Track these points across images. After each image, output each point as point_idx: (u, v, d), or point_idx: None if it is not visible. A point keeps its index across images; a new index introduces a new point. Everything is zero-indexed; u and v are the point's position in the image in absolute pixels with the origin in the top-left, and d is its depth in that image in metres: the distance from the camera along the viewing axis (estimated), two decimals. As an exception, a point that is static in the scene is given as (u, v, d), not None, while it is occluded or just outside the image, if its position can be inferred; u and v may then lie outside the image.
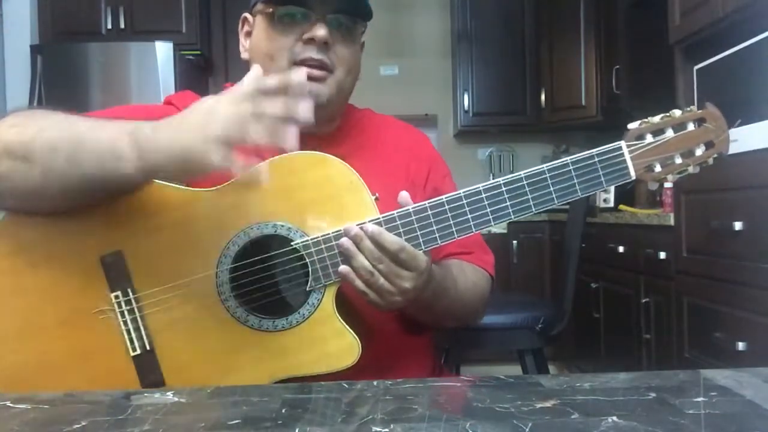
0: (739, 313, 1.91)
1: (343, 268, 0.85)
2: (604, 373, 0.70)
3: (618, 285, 2.89)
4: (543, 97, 4.12)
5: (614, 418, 0.56)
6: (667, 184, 2.73)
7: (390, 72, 4.44)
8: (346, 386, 0.67)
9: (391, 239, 0.84)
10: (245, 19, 1.07)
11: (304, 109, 0.76)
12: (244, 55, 1.06)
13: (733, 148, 1.91)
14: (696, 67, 2.18)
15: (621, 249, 2.81)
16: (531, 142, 4.44)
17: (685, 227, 2.23)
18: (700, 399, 0.61)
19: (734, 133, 0.93)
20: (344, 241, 0.85)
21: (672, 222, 2.32)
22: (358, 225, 0.85)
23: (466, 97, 4.20)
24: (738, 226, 1.89)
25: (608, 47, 3.70)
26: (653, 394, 0.63)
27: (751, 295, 1.85)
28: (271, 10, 0.99)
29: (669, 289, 2.37)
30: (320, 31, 0.96)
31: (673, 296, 2.34)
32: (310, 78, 0.95)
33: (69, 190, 0.83)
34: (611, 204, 3.22)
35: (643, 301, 2.59)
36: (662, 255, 2.41)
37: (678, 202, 2.28)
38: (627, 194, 3.18)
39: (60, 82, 3.46)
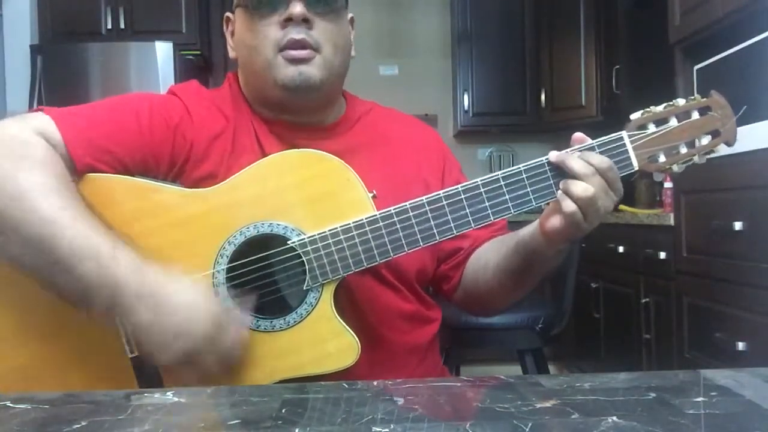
0: (739, 313, 1.91)
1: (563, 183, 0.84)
2: (604, 373, 0.70)
3: (618, 285, 2.89)
4: (543, 97, 4.12)
5: (614, 418, 0.56)
6: (667, 184, 2.72)
7: (390, 72, 4.43)
8: (346, 386, 0.67)
9: (600, 156, 0.85)
10: (228, 18, 1.06)
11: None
12: (232, 54, 1.05)
13: (733, 148, 1.91)
14: (696, 67, 2.18)
15: (621, 249, 2.81)
16: (531, 142, 4.43)
17: (685, 227, 2.23)
18: (700, 399, 0.61)
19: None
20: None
21: (672, 222, 2.32)
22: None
23: (466, 97, 4.20)
24: (738, 226, 1.89)
25: (608, 47, 3.70)
26: (653, 394, 0.63)
27: (751, 295, 1.85)
28: (246, 1, 0.98)
29: (669, 289, 2.37)
30: (296, 8, 0.94)
31: (673, 296, 2.34)
32: (296, 60, 0.95)
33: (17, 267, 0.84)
34: (611, 204, 3.22)
35: (643, 301, 2.59)
36: (662, 255, 2.41)
37: (678, 202, 2.28)
38: (627, 194, 3.18)
39: (60, 82, 3.46)
